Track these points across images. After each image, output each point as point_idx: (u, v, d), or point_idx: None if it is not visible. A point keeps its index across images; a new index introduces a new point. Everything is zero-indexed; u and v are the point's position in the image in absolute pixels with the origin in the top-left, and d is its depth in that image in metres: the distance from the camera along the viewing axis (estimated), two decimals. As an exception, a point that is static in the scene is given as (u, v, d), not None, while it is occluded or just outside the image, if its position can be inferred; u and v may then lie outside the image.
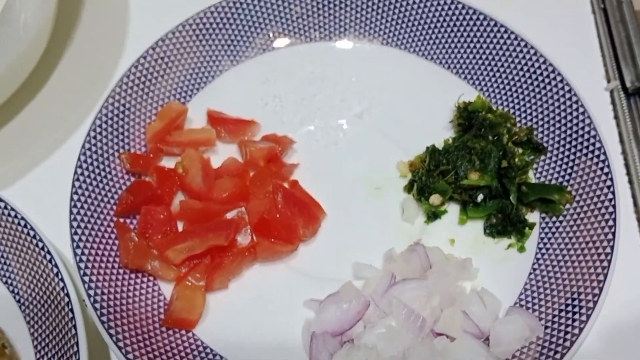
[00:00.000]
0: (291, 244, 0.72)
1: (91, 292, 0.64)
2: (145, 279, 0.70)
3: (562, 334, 0.63)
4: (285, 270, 0.72)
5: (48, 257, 0.66)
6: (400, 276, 0.69)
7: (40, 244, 0.67)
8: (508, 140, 0.76)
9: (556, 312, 0.65)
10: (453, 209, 0.76)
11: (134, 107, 0.78)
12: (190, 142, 0.77)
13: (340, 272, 0.72)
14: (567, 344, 0.62)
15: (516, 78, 0.81)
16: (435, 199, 0.74)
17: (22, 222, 0.68)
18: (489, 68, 0.83)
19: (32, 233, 0.67)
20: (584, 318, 0.63)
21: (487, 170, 0.74)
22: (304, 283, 0.71)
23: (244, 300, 0.70)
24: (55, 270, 0.65)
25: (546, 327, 0.65)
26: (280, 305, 0.70)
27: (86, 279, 0.65)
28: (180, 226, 0.74)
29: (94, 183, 0.72)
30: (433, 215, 0.75)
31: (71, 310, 0.63)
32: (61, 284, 0.64)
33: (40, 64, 0.83)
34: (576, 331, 0.62)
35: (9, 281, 0.70)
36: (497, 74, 0.82)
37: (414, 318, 0.64)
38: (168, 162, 0.78)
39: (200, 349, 0.66)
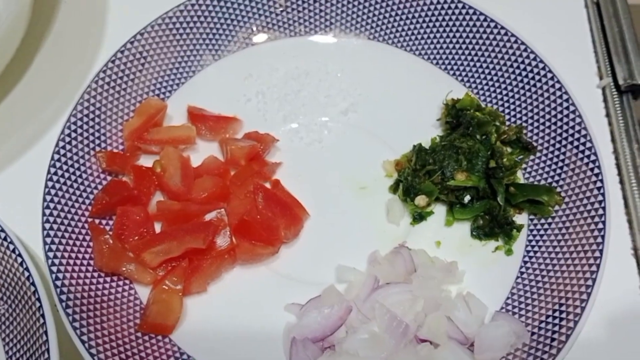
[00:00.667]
0: (272, 246, 0.70)
1: (63, 297, 0.62)
2: (120, 283, 0.68)
3: (548, 341, 0.61)
4: (266, 273, 0.70)
5: (19, 260, 0.64)
6: (384, 280, 0.67)
7: (12, 247, 0.64)
8: (496, 139, 0.74)
9: (543, 318, 0.64)
10: (439, 210, 0.74)
11: (111, 104, 0.76)
12: (170, 140, 0.75)
13: (323, 275, 0.70)
14: (554, 351, 0.60)
15: (506, 75, 0.79)
16: (421, 199, 0.72)
17: (-7, 224, 0.65)
18: (478, 64, 0.80)
19: (2, 235, 0.65)
20: (571, 324, 0.61)
21: (475, 170, 0.72)
22: (285, 286, 0.69)
23: (223, 304, 0.68)
24: (26, 273, 0.63)
25: (532, 333, 0.63)
26: (261, 310, 0.68)
27: (58, 282, 0.63)
28: (158, 227, 0.71)
29: (68, 183, 0.70)
30: (419, 216, 0.73)
31: (42, 315, 0.61)
32: (32, 288, 0.62)
33: (15, 58, 0.80)
34: (563, 338, 0.61)
35: (-20, 284, 0.68)
36: (487, 71, 0.80)
37: (397, 323, 0.62)
38: (146, 161, 0.75)
39: (177, 354, 0.64)
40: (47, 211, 0.67)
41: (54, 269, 0.64)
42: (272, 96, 0.81)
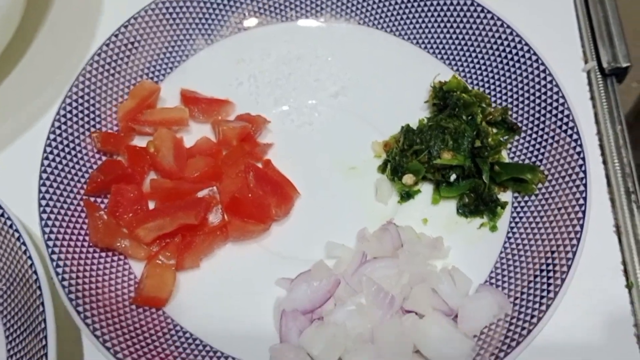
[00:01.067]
0: (263, 224, 0.71)
1: (59, 270, 0.64)
2: (115, 258, 0.69)
3: (529, 311, 0.63)
4: (257, 250, 0.72)
5: (16, 235, 0.66)
6: (372, 255, 0.69)
7: (9, 222, 0.66)
8: (482, 120, 0.76)
9: (525, 290, 0.65)
10: (426, 189, 0.76)
11: (106, 86, 0.78)
12: (163, 121, 0.77)
13: (312, 252, 0.71)
14: (535, 320, 0.62)
15: (492, 58, 0.81)
16: (408, 178, 0.74)
17: (-10, 201, 0.67)
18: (465, 48, 0.82)
19: (0, 211, 0.67)
20: (551, 295, 0.63)
21: (461, 149, 0.74)
22: (276, 263, 0.71)
23: (216, 279, 0.70)
24: (23, 248, 0.65)
25: (515, 304, 0.65)
26: (252, 284, 0.70)
27: (54, 257, 0.65)
28: (152, 206, 0.73)
29: (64, 162, 0.71)
30: (406, 195, 0.75)
31: (39, 287, 0.63)
32: (29, 262, 0.64)
33: (13, 42, 0.82)
34: (544, 308, 0.63)
35: (-22, 260, 0.69)
36: (474, 54, 0.82)
37: (383, 295, 0.64)
38: (140, 143, 0.77)
39: (171, 326, 0.66)
40: (44, 188, 0.68)
41: (50, 243, 0.66)
42: (263, 80, 0.83)
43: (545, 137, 0.75)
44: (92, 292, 0.65)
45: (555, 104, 0.75)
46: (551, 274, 0.65)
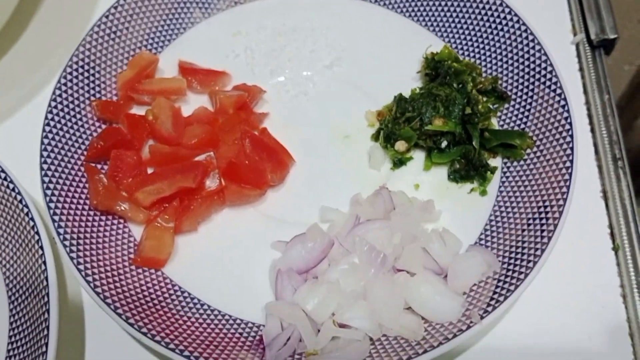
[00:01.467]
0: (259, 189, 0.73)
1: (61, 230, 0.66)
2: (115, 221, 0.71)
3: (517, 268, 0.65)
4: (253, 215, 0.74)
5: (19, 197, 0.67)
6: (365, 218, 0.71)
7: (11, 186, 0.68)
8: (472, 88, 0.77)
9: (513, 249, 0.67)
10: (418, 156, 0.78)
11: (105, 56, 0.79)
12: (161, 91, 0.78)
13: (307, 217, 0.73)
14: (522, 277, 0.64)
15: (483, 29, 0.82)
16: (400, 145, 0.76)
17: (-6, 165, 0.69)
18: (456, 20, 0.84)
19: (2, 175, 0.69)
20: (538, 253, 0.65)
21: (451, 116, 0.75)
22: (272, 227, 0.73)
23: (213, 242, 0.72)
24: (25, 210, 0.67)
25: (503, 263, 0.67)
26: (248, 247, 0.72)
27: (56, 217, 0.67)
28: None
29: (65, 128, 0.73)
30: (399, 161, 0.77)
31: (41, 247, 0.65)
32: (31, 223, 0.66)
33: (15, 14, 0.83)
34: (531, 265, 0.64)
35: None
36: (465, 26, 0.83)
37: (375, 254, 0.66)
38: (139, 112, 0.79)
39: (169, 286, 0.68)
40: (45, 153, 0.70)
41: (52, 205, 0.67)
42: (260, 52, 0.85)
43: (533, 104, 0.77)
44: (92, 252, 0.67)
45: (543, 72, 0.77)
46: (539, 233, 0.67)
